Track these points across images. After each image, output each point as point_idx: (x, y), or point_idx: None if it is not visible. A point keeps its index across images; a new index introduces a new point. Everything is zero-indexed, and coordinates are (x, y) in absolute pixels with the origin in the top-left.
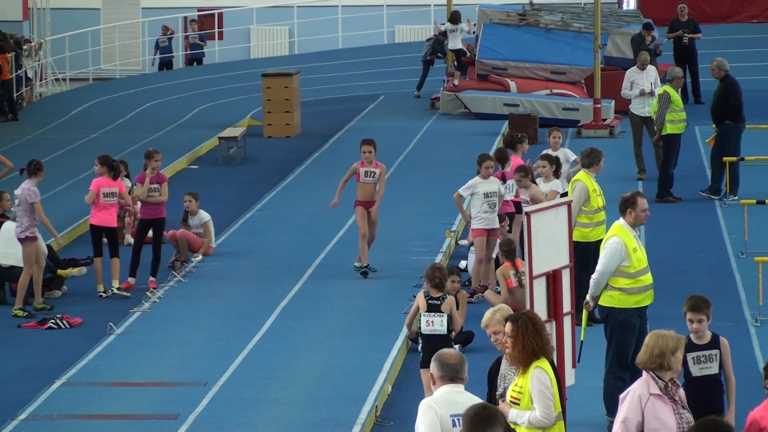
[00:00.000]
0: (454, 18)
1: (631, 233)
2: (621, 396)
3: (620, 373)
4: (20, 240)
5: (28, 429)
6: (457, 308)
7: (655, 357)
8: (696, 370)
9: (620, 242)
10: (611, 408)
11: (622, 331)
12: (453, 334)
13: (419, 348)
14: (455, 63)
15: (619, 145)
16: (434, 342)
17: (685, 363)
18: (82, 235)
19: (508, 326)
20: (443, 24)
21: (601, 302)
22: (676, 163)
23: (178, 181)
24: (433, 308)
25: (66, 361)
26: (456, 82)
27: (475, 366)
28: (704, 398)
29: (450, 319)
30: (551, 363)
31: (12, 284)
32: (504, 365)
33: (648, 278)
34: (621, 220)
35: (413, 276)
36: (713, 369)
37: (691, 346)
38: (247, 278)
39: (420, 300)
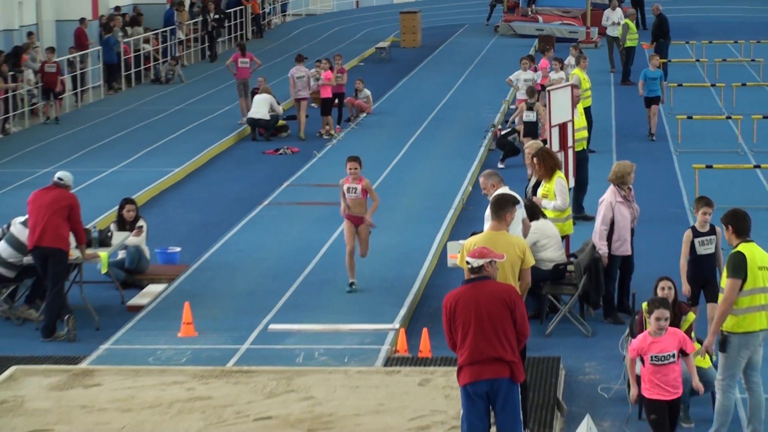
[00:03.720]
0: None
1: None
2: (599, 201)
3: None
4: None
5: (270, 211)
6: None
7: (617, 176)
8: (701, 250)
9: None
10: None
11: None
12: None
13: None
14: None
15: (600, 52)
16: (531, 126)
17: (693, 244)
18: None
19: (534, 159)
20: None
21: None
22: (632, 63)
23: (352, 72)
24: (530, 107)
25: (289, 172)
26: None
27: (520, 176)
28: (703, 268)
29: (538, 114)
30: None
31: (259, 129)
32: (535, 177)
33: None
34: None
35: (483, 126)
36: (711, 249)
37: (697, 233)
38: (393, 126)
39: (522, 105)
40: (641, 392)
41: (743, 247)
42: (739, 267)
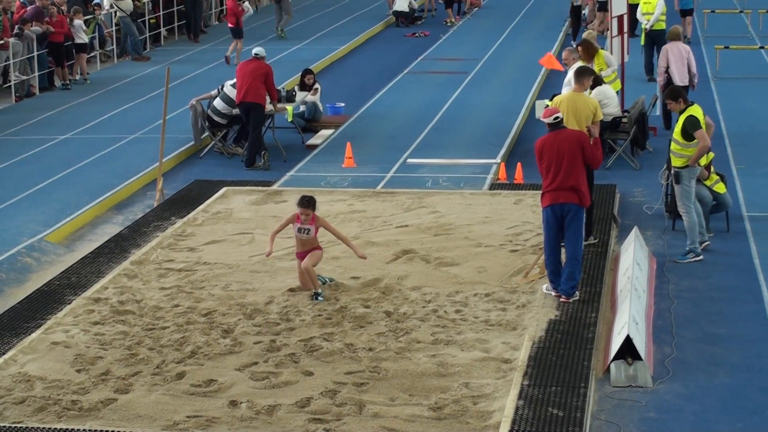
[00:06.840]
0: None
1: None
2: (689, 50)
3: None
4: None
5: (408, 77)
6: None
7: (674, 35)
8: None
9: None
10: None
11: None
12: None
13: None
14: None
15: None
16: (603, 4)
17: None
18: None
19: (579, 48)
20: None
21: None
22: None
23: None
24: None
25: (422, 50)
26: None
27: None
28: None
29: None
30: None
31: (401, 19)
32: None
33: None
34: None
35: (562, 15)
36: None
37: None
38: (497, 16)
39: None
40: None
41: (693, 110)
42: (698, 123)
